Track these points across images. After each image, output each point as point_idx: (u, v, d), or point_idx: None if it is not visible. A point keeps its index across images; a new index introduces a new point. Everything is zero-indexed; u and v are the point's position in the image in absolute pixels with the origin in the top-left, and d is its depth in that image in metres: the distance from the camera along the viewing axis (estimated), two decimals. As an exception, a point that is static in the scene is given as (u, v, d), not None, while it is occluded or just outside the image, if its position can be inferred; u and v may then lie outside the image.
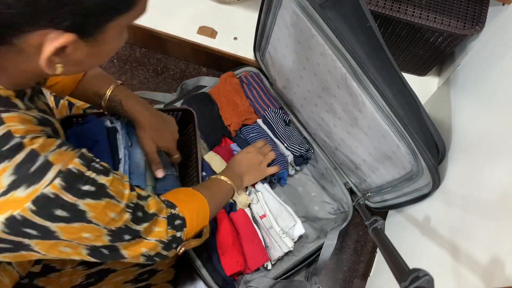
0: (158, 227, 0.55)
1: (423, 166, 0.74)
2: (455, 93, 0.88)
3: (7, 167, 0.39)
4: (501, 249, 0.53)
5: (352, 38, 0.71)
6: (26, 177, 0.40)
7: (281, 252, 0.91)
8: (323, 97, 0.87)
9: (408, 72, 1.13)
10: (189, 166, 0.90)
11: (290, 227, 0.94)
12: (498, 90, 0.70)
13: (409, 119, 0.71)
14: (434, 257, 0.71)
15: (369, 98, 0.73)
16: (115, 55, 1.27)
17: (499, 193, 0.58)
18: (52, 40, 0.38)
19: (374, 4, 0.91)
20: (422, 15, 0.91)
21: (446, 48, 0.97)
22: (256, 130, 1.03)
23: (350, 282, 1.09)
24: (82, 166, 0.44)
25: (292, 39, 0.84)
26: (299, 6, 0.74)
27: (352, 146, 0.90)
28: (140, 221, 0.51)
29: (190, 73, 1.27)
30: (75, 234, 0.44)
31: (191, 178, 0.88)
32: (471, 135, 0.75)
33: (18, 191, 0.40)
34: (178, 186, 0.82)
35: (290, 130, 1.05)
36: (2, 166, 0.39)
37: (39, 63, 0.40)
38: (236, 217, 0.92)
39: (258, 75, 1.09)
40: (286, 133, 1.03)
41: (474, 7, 0.92)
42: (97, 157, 0.72)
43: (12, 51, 0.40)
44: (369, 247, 1.13)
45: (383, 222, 0.69)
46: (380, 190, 0.94)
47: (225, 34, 1.13)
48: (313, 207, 1.04)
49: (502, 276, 0.50)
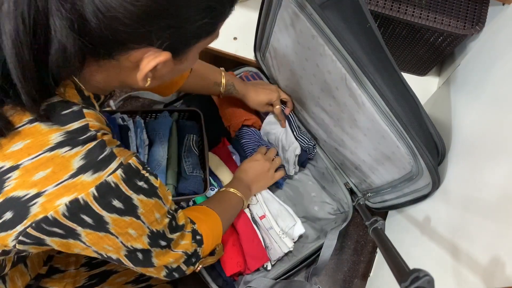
0: (184, 240, 0.58)
1: (423, 166, 0.74)
2: (455, 93, 0.88)
3: (79, 151, 0.43)
4: (501, 249, 0.53)
5: (352, 39, 0.71)
6: (94, 163, 0.43)
7: (281, 252, 0.91)
8: (323, 97, 0.87)
9: (408, 72, 1.13)
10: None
11: (290, 227, 0.94)
12: (498, 90, 0.70)
13: (408, 120, 0.71)
14: (434, 257, 0.71)
15: (368, 99, 0.73)
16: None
17: (499, 194, 0.58)
18: (152, 58, 0.43)
19: (374, 4, 0.91)
20: (422, 15, 0.91)
21: (446, 48, 0.97)
22: (248, 135, 1.03)
23: (350, 283, 1.09)
24: (139, 164, 0.48)
25: (292, 40, 0.84)
26: (299, 6, 0.74)
27: (352, 146, 0.90)
28: (173, 230, 0.55)
29: (190, 73, 1.27)
30: (123, 228, 0.47)
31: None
32: (471, 136, 0.75)
33: (85, 175, 0.42)
34: (201, 187, 0.84)
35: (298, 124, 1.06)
36: (75, 150, 0.42)
37: (136, 77, 0.46)
38: (236, 217, 0.92)
39: (258, 74, 1.09)
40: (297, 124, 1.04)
41: (474, 7, 0.92)
42: None
43: (111, 65, 0.44)
44: (369, 247, 1.13)
45: (383, 223, 0.69)
46: (380, 190, 0.94)
47: (225, 34, 1.13)
48: (313, 207, 1.04)
49: (502, 276, 0.50)
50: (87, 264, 0.75)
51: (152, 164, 0.78)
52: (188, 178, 0.81)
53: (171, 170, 0.80)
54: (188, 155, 0.84)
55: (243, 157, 1.02)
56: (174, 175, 0.80)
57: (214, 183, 0.93)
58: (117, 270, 0.78)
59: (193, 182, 0.82)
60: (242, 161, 1.02)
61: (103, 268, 0.76)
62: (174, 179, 0.80)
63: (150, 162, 0.78)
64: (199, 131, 0.90)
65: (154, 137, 0.81)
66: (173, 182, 0.80)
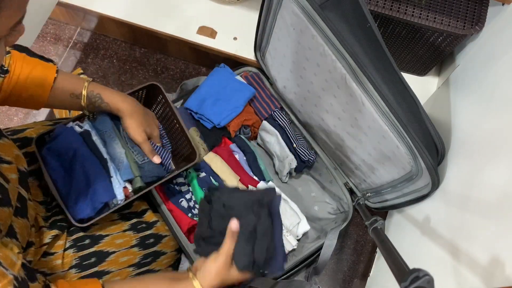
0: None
1: (422, 166, 0.74)
2: (454, 93, 0.88)
3: None
4: (501, 249, 0.53)
5: (351, 38, 0.71)
6: None
7: (285, 250, 0.92)
8: (323, 97, 0.87)
9: (408, 72, 1.13)
10: (176, 137, 0.89)
11: (294, 225, 0.94)
12: (498, 90, 0.70)
13: (408, 120, 0.71)
14: (434, 257, 0.71)
15: (368, 99, 0.73)
16: (114, 55, 1.27)
17: (499, 193, 0.58)
18: None
19: (374, 4, 0.91)
20: (422, 15, 0.91)
21: (446, 48, 0.97)
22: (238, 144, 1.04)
23: (350, 282, 1.09)
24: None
25: (292, 39, 0.84)
26: (299, 6, 0.74)
27: (352, 146, 0.90)
28: None
29: (189, 73, 1.27)
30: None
31: (182, 148, 0.87)
32: (470, 136, 0.75)
33: None
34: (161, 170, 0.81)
35: (298, 133, 1.05)
36: None
37: None
38: None
39: (258, 75, 1.09)
40: (296, 134, 1.03)
41: (474, 7, 0.92)
42: (84, 164, 0.73)
43: None
44: (369, 247, 1.13)
45: (383, 222, 0.69)
46: (380, 190, 0.94)
47: (225, 34, 1.13)
48: (313, 207, 1.04)
49: (502, 276, 0.50)
50: (78, 266, 0.72)
51: (115, 163, 0.76)
52: (143, 166, 0.78)
53: (132, 162, 0.77)
54: (132, 145, 0.79)
55: (247, 154, 1.03)
56: (136, 166, 0.78)
57: (215, 183, 0.93)
58: (110, 271, 0.76)
59: (150, 168, 0.78)
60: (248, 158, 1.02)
61: (94, 269, 0.74)
62: (138, 170, 0.78)
63: (113, 161, 0.76)
64: None
65: (103, 137, 0.78)
66: (138, 173, 0.77)
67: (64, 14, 1.26)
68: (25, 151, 0.73)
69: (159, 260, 0.87)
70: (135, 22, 1.11)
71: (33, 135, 0.76)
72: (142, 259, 0.82)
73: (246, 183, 0.99)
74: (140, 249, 0.82)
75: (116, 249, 0.78)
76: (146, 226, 0.86)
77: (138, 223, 0.83)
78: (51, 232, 0.70)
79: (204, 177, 0.93)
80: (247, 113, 1.04)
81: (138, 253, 0.82)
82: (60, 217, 0.73)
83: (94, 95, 0.72)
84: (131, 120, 0.75)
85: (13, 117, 1.19)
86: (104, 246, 0.76)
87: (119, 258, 0.78)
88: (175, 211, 0.92)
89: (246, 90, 1.02)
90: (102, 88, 0.74)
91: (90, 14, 1.16)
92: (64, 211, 0.70)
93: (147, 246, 0.84)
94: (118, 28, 1.22)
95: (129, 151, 0.79)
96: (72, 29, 1.30)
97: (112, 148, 0.78)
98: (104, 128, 0.79)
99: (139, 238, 0.83)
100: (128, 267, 0.80)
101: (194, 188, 0.93)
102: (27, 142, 0.74)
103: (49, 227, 0.71)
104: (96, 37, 1.29)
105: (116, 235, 0.79)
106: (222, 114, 1.00)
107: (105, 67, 1.26)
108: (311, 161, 1.01)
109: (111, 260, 0.76)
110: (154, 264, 0.85)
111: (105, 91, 0.74)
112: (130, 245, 0.81)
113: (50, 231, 0.70)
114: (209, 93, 1.02)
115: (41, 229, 0.69)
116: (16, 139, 0.74)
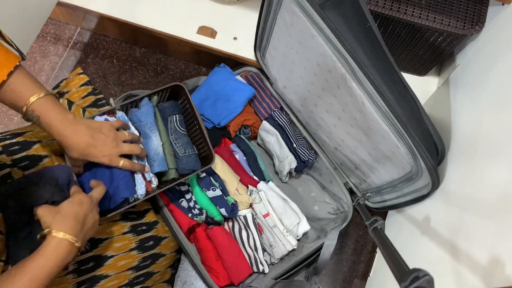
0: None
1: (422, 166, 0.74)
2: (455, 93, 0.88)
3: None
4: (501, 249, 0.53)
5: (351, 38, 0.71)
6: None
7: (285, 250, 0.92)
8: (323, 97, 0.87)
9: (408, 72, 1.13)
10: (194, 138, 0.91)
11: (294, 225, 0.95)
12: (498, 89, 0.70)
13: (408, 120, 0.71)
14: (434, 257, 0.71)
15: (368, 99, 0.73)
16: (114, 55, 1.27)
17: (499, 193, 0.58)
18: None
19: (374, 4, 0.91)
20: (421, 15, 0.91)
21: (446, 48, 0.97)
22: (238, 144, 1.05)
23: (350, 282, 1.09)
24: None
25: (293, 39, 0.84)
26: (299, 6, 0.74)
27: (352, 146, 0.90)
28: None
29: (189, 73, 1.27)
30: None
31: (200, 149, 0.89)
32: (470, 135, 0.75)
33: None
34: (197, 164, 0.84)
35: (298, 133, 1.05)
36: None
37: None
38: (213, 235, 0.92)
39: (258, 75, 1.09)
40: (296, 134, 1.03)
41: (474, 7, 0.92)
42: None
43: None
44: (369, 247, 1.13)
45: (383, 222, 0.69)
46: (380, 190, 0.94)
47: (225, 34, 1.13)
48: (313, 207, 1.04)
49: (502, 276, 0.50)
50: (75, 271, 0.71)
51: (151, 154, 0.80)
52: (182, 159, 0.83)
53: (168, 155, 0.82)
54: (176, 137, 0.84)
55: (247, 154, 1.03)
56: (172, 159, 0.82)
57: (215, 183, 0.93)
58: (107, 275, 0.75)
59: (188, 161, 0.83)
60: (248, 158, 1.03)
61: (92, 273, 0.72)
62: (174, 163, 0.82)
63: (149, 152, 0.79)
64: (179, 109, 0.89)
65: (142, 128, 0.81)
66: (174, 166, 0.82)
67: (64, 14, 1.26)
68: (25, 154, 0.73)
69: (158, 262, 0.86)
70: (135, 22, 1.11)
71: (33, 138, 0.75)
72: (141, 262, 0.82)
73: (246, 183, 0.99)
74: (139, 252, 0.82)
75: (115, 253, 0.77)
76: (146, 228, 0.86)
77: (138, 225, 0.83)
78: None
79: (205, 177, 0.93)
80: (247, 113, 1.04)
81: (137, 256, 0.81)
82: None
83: (33, 116, 0.62)
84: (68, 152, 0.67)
85: (13, 117, 1.19)
86: (103, 250, 0.75)
87: (118, 262, 0.77)
88: (175, 211, 0.92)
89: (246, 89, 1.02)
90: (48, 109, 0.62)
91: (90, 14, 1.16)
92: None
93: (147, 249, 0.84)
94: (118, 28, 1.22)
95: (168, 144, 0.83)
96: (72, 29, 1.30)
97: (149, 140, 0.80)
98: (146, 120, 0.81)
99: (139, 240, 0.82)
100: (127, 270, 0.79)
101: (194, 188, 0.93)
102: (27, 145, 0.74)
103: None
104: (96, 37, 1.29)
105: (115, 238, 0.78)
106: (222, 114, 1.00)
107: (105, 67, 1.26)
108: (311, 161, 1.01)
109: (109, 264, 0.75)
110: (153, 266, 0.85)
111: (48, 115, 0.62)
112: (129, 248, 0.80)
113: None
114: (209, 93, 1.02)
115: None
116: (16, 142, 0.73)
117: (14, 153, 0.71)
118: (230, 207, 0.92)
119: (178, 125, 0.87)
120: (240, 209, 0.95)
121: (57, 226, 0.57)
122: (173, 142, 0.84)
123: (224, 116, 1.00)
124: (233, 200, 0.94)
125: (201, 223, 0.95)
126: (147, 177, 0.77)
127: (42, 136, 0.76)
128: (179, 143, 0.84)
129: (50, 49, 1.27)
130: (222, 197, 0.91)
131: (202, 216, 0.92)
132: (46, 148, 0.76)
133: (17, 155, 0.72)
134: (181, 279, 1.04)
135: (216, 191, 0.91)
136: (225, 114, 1.00)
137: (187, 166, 0.83)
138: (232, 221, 0.96)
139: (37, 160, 0.73)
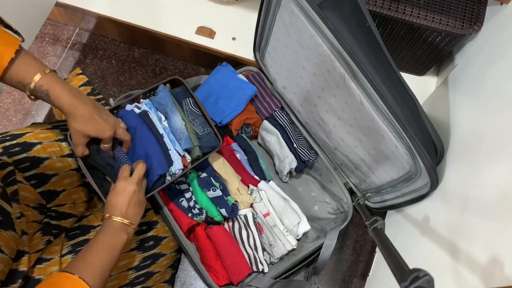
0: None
1: (421, 166, 0.74)
2: (453, 93, 0.89)
3: None
4: (500, 249, 0.53)
5: (350, 38, 0.71)
6: None
7: (285, 250, 0.92)
8: (323, 97, 0.87)
9: (407, 72, 1.13)
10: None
11: (294, 225, 0.95)
12: (496, 89, 0.70)
13: (407, 119, 0.71)
14: (434, 257, 0.71)
15: (367, 98, 0.73)
16: (113, 56, 1.27)
17: (498, 193, 0.58)
18: None
19: (372, 4, 0.91)
20: (420, 15, 0.91)
21: (445, 47, 0.97)
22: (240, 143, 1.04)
23: (349, 282, 1.09)
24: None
25: (292, 39, 0.84)
26: (298, 6, 0.74)
27: (352, 146, 0.90)
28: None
29: (188, 73, 1.27)
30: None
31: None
32: (469, 135, 0.75)
33: None
34: (217, 141, 0.89)
35: (298, 133, 1.05)
36: None
37: None
38: (213, 234, 0.92)
39: (259, 74, 1.09)
40: (296, 134, 1.03)
41: (472, 7, 0.92)
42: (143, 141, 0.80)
43: None
44: (369, 247, 1.13)
45: (383, 222, 0.69)
46: (380, 190, 0.94)
47: (224, 34, 1.13)
48: (313, 207, 1.04)
49: (502, 276, 0.50)
50: None
51: (176, 134, 0.85)
52: (202, 137, 0.88)
53: (192, 133, 0.87)
54: (193, 117, 0.89)
55: (248, 154, 1.03)
56: (195, 137, 0.87)
57: (215, 183, 0.93)
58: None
59: (208, 139, 0.88)
60: (249, 158, 1.03)
61: None
62: (197, 140, 0.87)
63: (174, 133, 0.85)
64: (189, 93, 0.92)
65: (164, 111, 0.87)
66: (198, 143, 0.87)
67: (63, 15, 1.26)
68: (25, 155, 0.72)
69: (159, 262, 0.86)
70: (133, 23, 1.11)
71: (32, 139, 0.75)
72: (141, 262, 0.82)
73: (247, 182, 0.99)
74: (140, 252, 0.82)
75: None
76: (146, 228, 0.86)
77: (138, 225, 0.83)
78: (44, 238, 0.69)
79: (205, 177, 0.93)
80: (249, 112, 1.04)
81: (137, 256, 0.81)
82: (55, 222, 0.73)
83: (42, 91, 0.65)
84: (73, 123, 0.68)
85: (12, 118, 1.19)
86: None
87: (119, 262, 0.77)
88: (175, 211, 0.92)
89: (248, 88, 1.02)
90: (55, 84, 0.65)
91: (88, 15, 1.16)
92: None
93: (147, 249, 0.84)
94: (117, 29, 1.22)
95: (189, 124, 0.88)
96: (70, 29, 1.30)
97: (173, 121, 0.86)
98: (166, 102, 0.87)
99: (139, 240, 0.82)
100: (127, 270, 0.79)
101: (194, 188, 0.93)
102: (27, 146, 0.74)
103: (42, 233, 0.70)
104: (94, 37, 1.29)
105: None
106: (224, 112, 1.00)
107: (104, 67, 1.25)
108: (311, 161, 1.01)
109: None
110: (154, 266, 0.85)
111: (56, 88, 0.65)
112: (129, 248, 0.80)
113: (43, 237, 0.69)
114: (211, 91, 1.03)
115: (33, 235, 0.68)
116: (16, 144, 0.73)
117: (14, 155, 0.71)
118: (231, 207, 0.92)
119: (192, 106, 0.91)
120: (240, 209, 0.95)
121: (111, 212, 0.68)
122: (192, 123, 0.89)
123: (226, 115, 1.00)
124: (234, 200, 0.94)
125: (201, 223, 0.95)
126: (180, 153, 0.83)
127: (42, 137, 0.76)
128: (197, 123, 0.89)
129: (48, 49, 1.27)
130: (222, 197, 0.91)
131: (202, 216, 0.92)
132: (47, 150, 0.75)
133: (17, 156, 0.71)
134: (181, 279, 1.04)
135: (216, 191, 0.91)
136: (227, 112, 1.00)
137: (208, 143, 0.88)
138: (232, 220, 0.96)
139: (38, 162, 0.73)
